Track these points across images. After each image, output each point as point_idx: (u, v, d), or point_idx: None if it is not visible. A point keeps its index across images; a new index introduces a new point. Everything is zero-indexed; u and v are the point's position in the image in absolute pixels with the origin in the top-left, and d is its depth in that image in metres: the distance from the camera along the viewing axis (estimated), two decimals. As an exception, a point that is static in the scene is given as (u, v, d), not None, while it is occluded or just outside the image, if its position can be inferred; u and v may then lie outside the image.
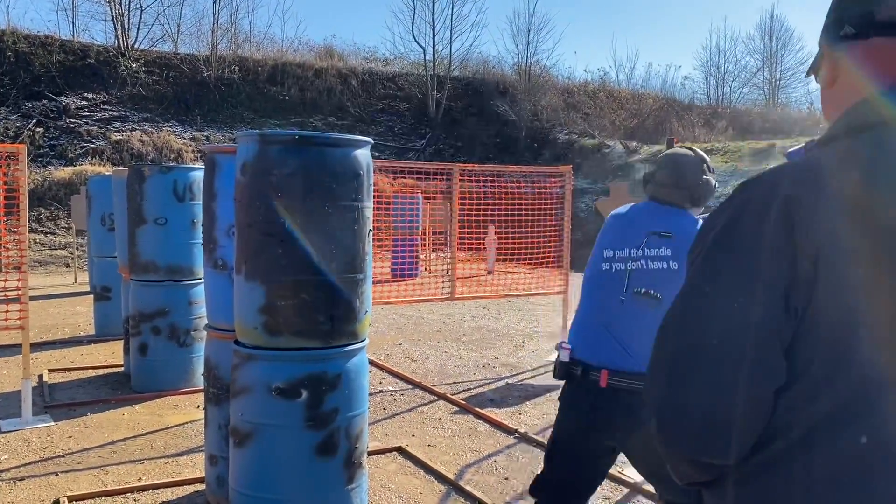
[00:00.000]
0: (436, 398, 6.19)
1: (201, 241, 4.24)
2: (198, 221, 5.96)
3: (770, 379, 0.96)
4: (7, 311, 5.35)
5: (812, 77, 1.16)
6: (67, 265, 17.15)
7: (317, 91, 26.46)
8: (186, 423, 5.41)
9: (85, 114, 22.37)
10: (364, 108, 26.86)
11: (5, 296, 5.60)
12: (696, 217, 2.59)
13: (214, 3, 26.40)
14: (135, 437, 5.09)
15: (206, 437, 3.93)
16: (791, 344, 0.96)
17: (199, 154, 22.94)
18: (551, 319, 10.05)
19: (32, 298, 5.76)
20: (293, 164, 3.14)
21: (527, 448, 4.95)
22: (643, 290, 2.46)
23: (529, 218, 9.08)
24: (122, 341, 7.06)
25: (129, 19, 25.02)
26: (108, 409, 5.74)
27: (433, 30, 28.72)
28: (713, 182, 2.63)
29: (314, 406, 3.18)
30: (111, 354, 7.67)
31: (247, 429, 3.24)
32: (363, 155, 3.31)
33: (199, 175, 6.38)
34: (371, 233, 3.38)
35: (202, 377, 4.22)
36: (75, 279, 14.46)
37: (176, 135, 23.01)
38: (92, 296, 9.15)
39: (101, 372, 6.99)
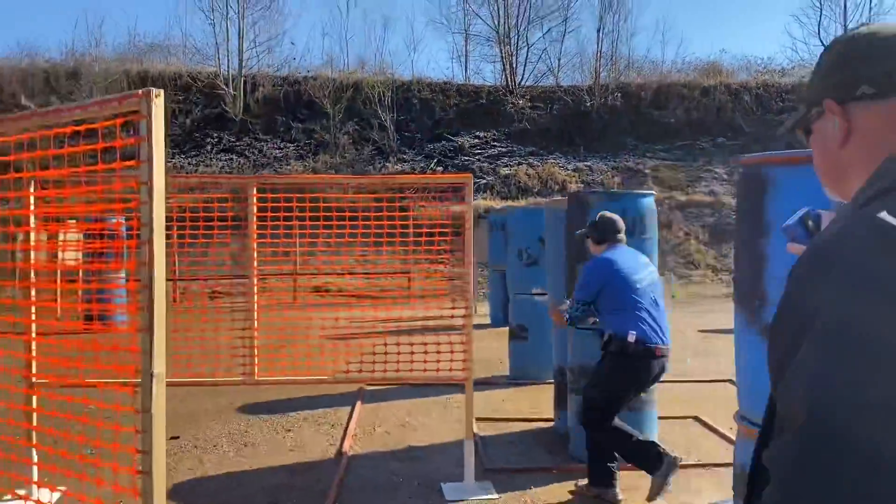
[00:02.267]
0: None
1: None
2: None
3: None
4: (451, 353, 4.77)
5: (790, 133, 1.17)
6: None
7: (704, 111, 24.51)
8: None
9: (477, 151, 23.53)
10: (759, 125, 24.10)
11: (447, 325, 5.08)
12: None
13: (597, 32, 26.12)
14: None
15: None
16: None
17: (582, 185, 22.62)
18: None
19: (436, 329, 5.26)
20: None
21: None
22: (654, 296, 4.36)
23: None
24: (552, 391, 6.26)
25: (516, 58, 25.94)
26: (551, 482, 4.84)
27: (844, 27, 24.79)
28: None
29: None
30: (534, 403, 6.95)
31: None
32: None
33: (650, 203, 5.30)
34: None
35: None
36: (475, 310, 14.70)
37: (560, 166, 22.99)
38: (507, 332, 8.66)
39: (529, 426, 6.26)
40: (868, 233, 0.82)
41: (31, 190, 3.89)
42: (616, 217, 4.48)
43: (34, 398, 3.75)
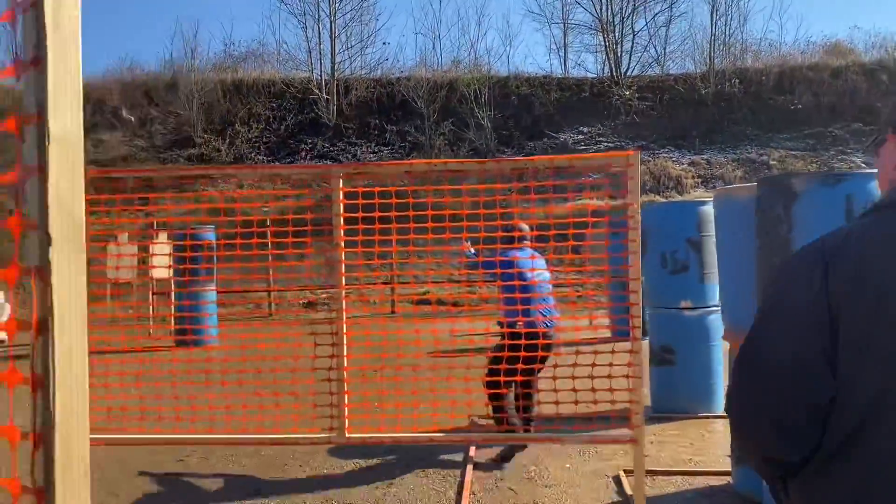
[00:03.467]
0: None
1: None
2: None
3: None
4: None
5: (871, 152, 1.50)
6: (575, 302, 16.29)
7: (835, 94, 22.05)
8: None
9: (581, 147, 21.98)
10: (900, 107, 21.44)
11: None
12: None
13: (711, 15, 24.03)
14: None
15: None
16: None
17: (699, 180, 20.69)
18: None
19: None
20: None
21: None
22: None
23: None
24: (715, 431, 4.85)
25: (621, 47, 24.21)
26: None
27: None
28: None
29: None
30: (697, 448, 5.52)
31: None
32: None
33: (875, 184, 3.80)
34: None
35: None
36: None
37: (674, 160, 21.15)
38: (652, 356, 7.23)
39: (691, 482, 4.84)
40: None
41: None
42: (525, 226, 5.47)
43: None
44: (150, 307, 13.37)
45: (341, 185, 3.49)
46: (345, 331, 3.50)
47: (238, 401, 4.64)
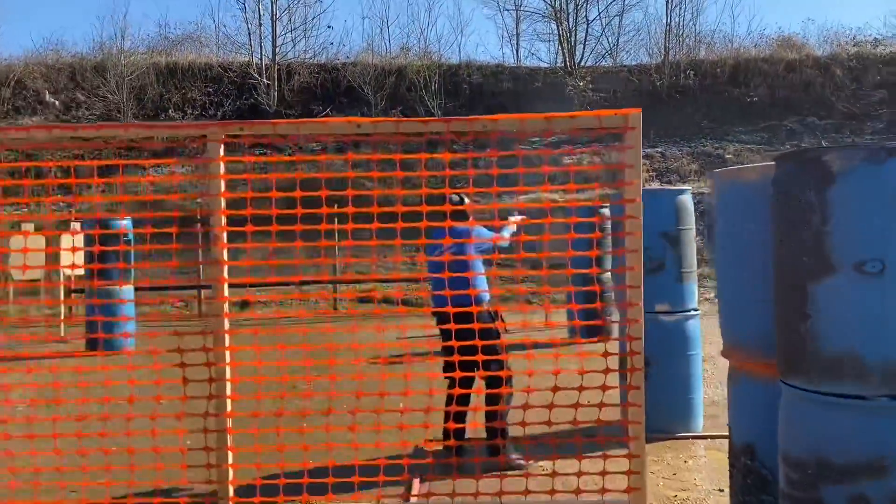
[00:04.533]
0: None
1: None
2: None
3: None
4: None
5: None
6: (529, 301, 15.49)
7: (790, 88, 21.76)
8: None
9: (534, 139, 21.21)
10: (853, 101, 21.27)
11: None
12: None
13: (667, 4, 23.51)
14: None
15: None
16: None
17: (653, 173, 20.13)
18: None
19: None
20: None
21: None
22: None
23: None
24: (705, 460, 4.02)
25: (575, 36, 23.54)
26: None
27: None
28: None
29: None
30: (681, 480, 4.68)
31: None
32: None
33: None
34: None
35: None
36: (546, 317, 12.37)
37: (629, 153, 20.54)
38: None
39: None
40: None
41: None
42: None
43: None
44: (63, 308, 12.06)
45: (221, 152, 2.50)
46: (228, 360, 2.50)
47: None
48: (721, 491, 4.24)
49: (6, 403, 3.75)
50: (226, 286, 2.69)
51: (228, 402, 2.57)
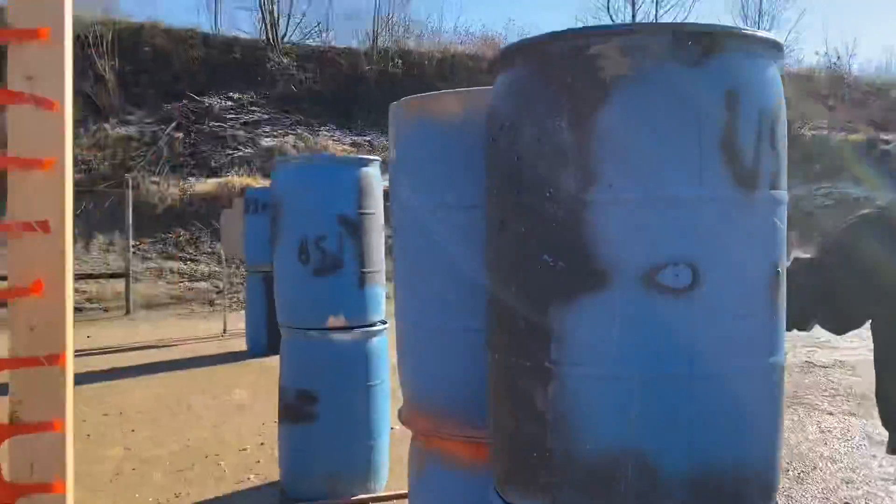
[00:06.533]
0: None
1: None
2: None
3: None
4: None
5: None
6: (211, 303, 13.27)
7: (491, 83, 22.03)
8: None
9: (231, 116, 18.84)
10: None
11: None
12: None
13: (376, -11, 22.51)
14: None
15: None
16: None
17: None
18: None
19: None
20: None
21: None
22: None
23: None
24: None
25: (278, 7, 21.54)
26: None
27: (633, 5, 23.69)
28: None
29: None
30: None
31: None
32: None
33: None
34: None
35: None
36: (224, 328, 10.26)
37: (335, 140, 19.11)
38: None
39: None
40: None
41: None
42: None
43: None
44: None
45: None
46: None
47: None
48: None
49: None
50: None
51: None
